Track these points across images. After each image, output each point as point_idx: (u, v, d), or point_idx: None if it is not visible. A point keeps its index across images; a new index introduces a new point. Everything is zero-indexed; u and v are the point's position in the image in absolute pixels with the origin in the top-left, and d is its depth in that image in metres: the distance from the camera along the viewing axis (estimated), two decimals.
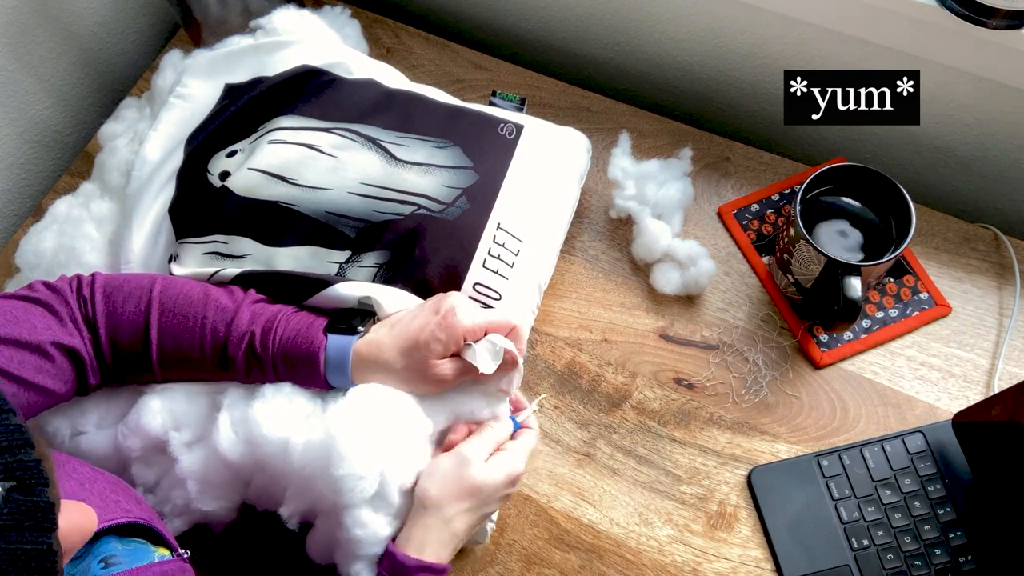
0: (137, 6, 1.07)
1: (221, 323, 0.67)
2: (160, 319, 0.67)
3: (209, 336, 0.67)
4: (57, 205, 0.86)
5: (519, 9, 1.06)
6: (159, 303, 0.68)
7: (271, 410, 0.67)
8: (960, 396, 0.81)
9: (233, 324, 0.67)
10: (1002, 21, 0.74)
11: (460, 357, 0.67)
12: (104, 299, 0.68)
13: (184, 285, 0.70)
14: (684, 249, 0.85)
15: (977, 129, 0.91)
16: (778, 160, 0.93)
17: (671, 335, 0.85)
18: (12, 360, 0.61)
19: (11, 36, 0.92)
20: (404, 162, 0.78)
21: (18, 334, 0.62)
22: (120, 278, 0.70)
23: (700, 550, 0.76)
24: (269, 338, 0.67)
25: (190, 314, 0.68)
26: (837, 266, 0.74)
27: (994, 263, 0.86)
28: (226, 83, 0.85)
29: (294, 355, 0.67)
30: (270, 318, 0.68)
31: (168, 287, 0.69)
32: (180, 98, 0.86)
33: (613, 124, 0.97)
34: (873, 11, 0.80)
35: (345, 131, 0.79)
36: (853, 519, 0.75)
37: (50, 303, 0.66)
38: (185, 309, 0.68)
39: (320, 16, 0.93)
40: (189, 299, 0.68)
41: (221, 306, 0.68)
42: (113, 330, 0.67)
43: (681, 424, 0.81)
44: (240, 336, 0.67)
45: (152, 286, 0.69)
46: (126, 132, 0.89)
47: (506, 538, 0.77)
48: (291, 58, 0.84)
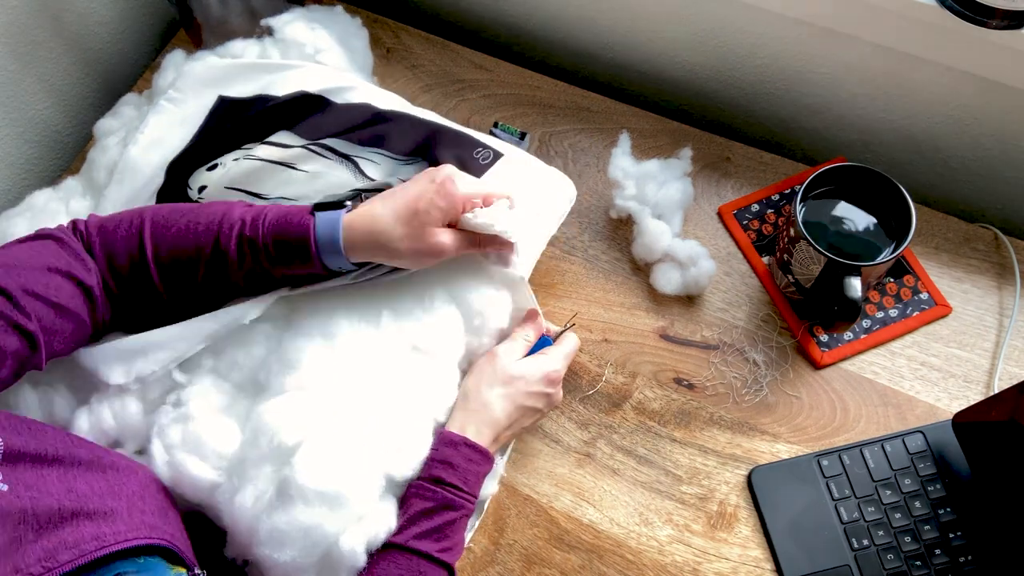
0: (137, 6, 1.07)
1: (213, 221, 0.68)
2: (153, 231, 0.68)
3: (203, 235, 0.68)
4: (36, 196, 0.86)
5: (520, 7, 1.06)
6: (151, 219, 0.69)
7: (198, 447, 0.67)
8: (960, 396, 0.81)
9: (224, 218, 0.68)
10: (1002, 21, 0.74)
11: (458, 228, 0.68)
12: (99, 230, 0.69)
13: (173, 204, 0.72)
14: (684, 249, 0.85)
15: (977, 129, 0.91)
16: (778, 160, 0.93)
17: (671, 335, 0.85)
18: (49, 286, 0.63)
19: (11, 36, 0.92)
20: (370, 179, 0.78)
21: (49, 263, 0.64)
22: (111, 215, 0.72)
23: (700, 550, 0.76)
24: (259, 222, 0.68)
25: (181, 222, 0.69)
26: (837, 266, 0.74)
27: (994, 263, 0.86)
28: (220, 95, 0.85)
29: (285, 235, 0.67)
30: (258, 209, 0.69)
31: (159, 207, 0.71)
32: (171, 102, 0.85)
33: (613, 124, 0.97)
34: (873, 11, 0.80)
35: (320, 147, 0.80)
36: (853, 519, 0.75)
37: (61, 238, 0.67)
38: (176, 219, 0.69)
39: (329, 20, 0.92)
40: (179, 211, 0.70)
41: (212, 210, 0.69)
42: (111, 254, 0.68)
43: (681, 424, 0.81)
44: (231, 225, 0.68)
45: (142, 211, 0.70)
46: (120, 130, 0.89)
47: (506, 538, 0.77)
48: (293, 79, 0.84)
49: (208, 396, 0.69)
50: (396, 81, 1.01)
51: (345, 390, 0.69)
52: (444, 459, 0.68)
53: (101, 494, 0.57)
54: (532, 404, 0.73)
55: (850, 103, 0.96)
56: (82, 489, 0.56)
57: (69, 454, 0.58)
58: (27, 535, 0.50)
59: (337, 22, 0.94)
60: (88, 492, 0.56)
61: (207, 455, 0.67)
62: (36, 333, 0.61)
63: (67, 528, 0.52)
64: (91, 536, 0.53)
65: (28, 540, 0.50)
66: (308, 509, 0.62)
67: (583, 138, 0.96)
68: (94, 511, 0.55)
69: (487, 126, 0.97)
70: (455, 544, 0.68)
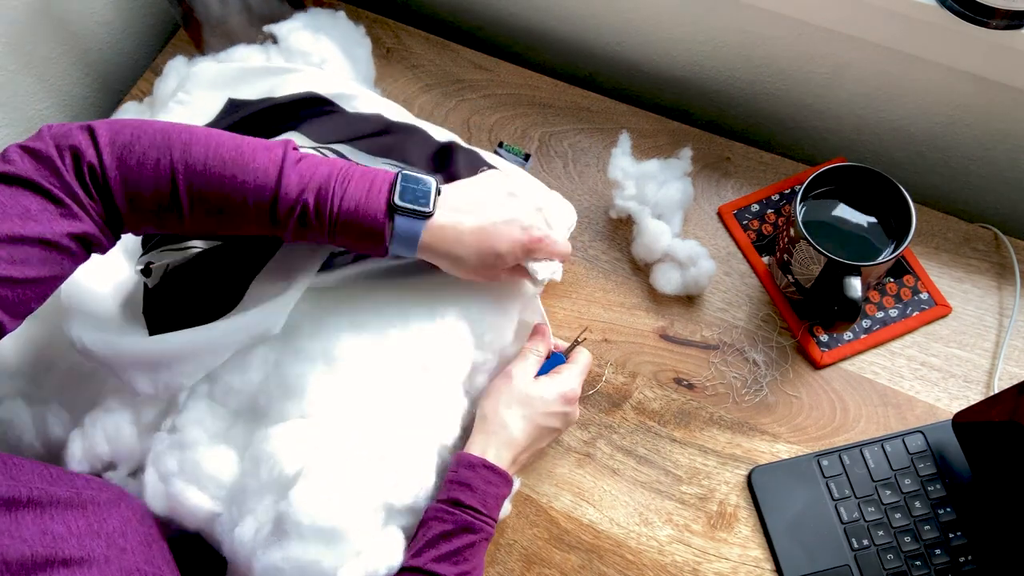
0: (137, 6, 1.07)
1: (266, 188, 0.61)
2: (190, 190, 0.61)
3: (252, 205, 0.62)
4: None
5: (520, 7, 1.06)
6: (185, 169, 0.60)
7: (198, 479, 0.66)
8: (960, 396, 0.81)
9: (280, 191, 0.61)
10: (1002, 21, 0.74)
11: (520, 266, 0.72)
12: (119, 164, 0.60)
13: (208, 140, 0.62)
14: (684, 249, 0.85)
15: (977, 129, 0.91)
16: (778, 160, 0.93)
17: (671, 335, 0.85)
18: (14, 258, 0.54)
19: (11, 36, 0.92)
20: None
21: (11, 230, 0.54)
22: (125, 132, 0.61)
23: (700, 550, 0.76)
24: (326, 207, 0.62)
25: (226, 179, 0.61)
26: (837, 266, 0.74)
27: (994, 263, 0.86)
28: (229, 97, 0.85)
29: (356, 228, 0.64)
30: (323, 184, 0.62)
31: (190, 143, 0.61)
32: (180, 104, 0.85)
33: (613, 124, 0.97)
34: (873, 11, 0.80)
35: (329, 151, 0.80)
36: (853, 519, 0.75)
37: (37, 182, 0.57)
38: (220, 173, 0.61)
39: (331, 27, 0.92)
40: (221, 160, 0.61)
41: (261, 166, 0.61)
42: (133, 196, 0.60)
43: (681, 424, 0.81)
44: (290, 206, 0.62)
45: (170, 145, 0.60)
46: None
47: (506, 538, 0.77)
48: (301, 82, 0.84)
49: (204, 423, 0.68)
50: (396, 81, 1.01)
51: (348, 415, 0.68)
52: (463, 481, 0.68)
53: (79, 534, 0.54)
54: (550, 424, 0.73)
55: (850, 103, 0.96)
56: (59, 531, 0.53)
57: (46, 493, 0.54)
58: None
59: (340, 29, 0.93)
60: (66, 533, 0.53)
61: (205, 484, 0.66)
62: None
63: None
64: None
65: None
66: (304, 545, 0.61)
67: (583, 138, 0.96)
68: (70, 558, 0.52)
69: (487, 126, 0.97)
70: (474, 568, 0.67)
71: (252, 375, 0.69)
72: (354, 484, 0.64)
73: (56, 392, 0.73)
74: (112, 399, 0.71)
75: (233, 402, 0.69)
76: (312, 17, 0.92)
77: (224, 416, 0.69)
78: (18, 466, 0.55)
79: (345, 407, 0.68)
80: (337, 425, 0.67)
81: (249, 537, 0.63)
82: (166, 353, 0.67)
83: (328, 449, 0.65)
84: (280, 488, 0.64)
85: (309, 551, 0.61)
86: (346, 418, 0.67)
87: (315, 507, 0.62)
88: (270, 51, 0.90)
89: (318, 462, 0.64)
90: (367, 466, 0.66)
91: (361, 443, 0.67)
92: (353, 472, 0.65)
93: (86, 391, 0.73)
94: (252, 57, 0.89)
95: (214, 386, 0.70)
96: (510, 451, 0.71)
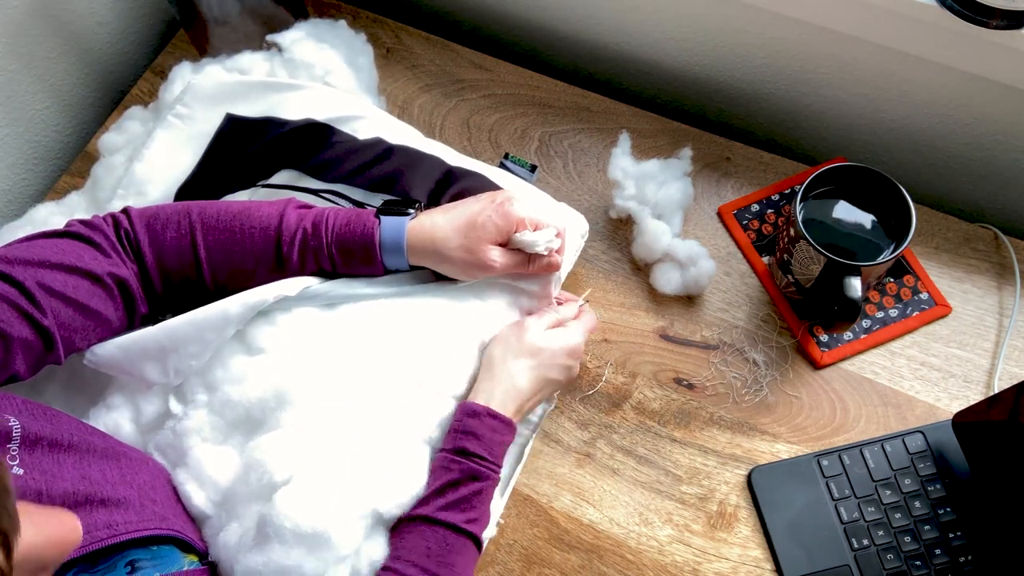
0: (137, 6, 1.07)
1: (270, 228, 0.70)
2: (206, 238, 0.70)
3: (260, 243, 0.70)
4: (38, 209, 0.86)
5: (520, 6, 1.06)
6: (201, 223, 0.70)
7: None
8: (960, 396, 0.81)
9: (282, 227, 0.70)
10: (1002, 21, 0.74)
11: (509, 248, 0.72)
12: (145, 228, 0.70)
13: (220, 204, 0.72)
14: (684, 249, 0.85)
15: (977, 129, 0.91)
16: (778, 160, 0.93)
17: (671, 335, 0.85)
18: (67, 284, 0.63)
19: (11, 36, 0.92)
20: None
21: (69, 261, 0.64)
22: (152, 208, 0.72)
23: (700, 550, 0.76)
24: (322, 229, 0.70)
25: (235, 227, 0.70)
26: (837, 266, 0.74)
27: (994, 263, 0.86)
28: (228, 112, 0.84)
29: (349, 241, 0.71)
30: (317, 214, 0.71)
31: (206, 207, 0.71)
32: (179, 118, 0.84)
33: (613, 124, 0.97)
34: (873, 11, 0.80)
35: (331, 194, 0.80)
36: (853, 519, 0.75)
37: (90, 237, 0.67)
38: (229, 224, 0.70)
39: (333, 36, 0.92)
40: (230, 214, 0.71)
41: (265, 214, 0.71)
42: (159, 256, 0.69)
43: (681, 424, 0.81)
44: (291, 235, 0.70)
45: (189, 210, 0.71)
46: (126, 147, 0.88)
47: (506, 538, 0.77)
48: (302, 102, 0.84)
49: (203, 431, 0.68)
50: (396, 81, 1.01)
51: (342, 426, 0.67)
52: (468, 430, 0.69)
53: (114, 482, 0.58)
54: (555, 376, 0.74)
55: (850, 103, 0.96)
56: (95, 476, 0.57)
57: (84, 441, 0.58)
58: None
59: (342, 38, 0.93)
60: (101, 479, 0.57)
61: (204, 482, 0.66)
62: (51, 329, 0.62)
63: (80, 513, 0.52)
64: (103, 523, 0.54)
65: None
66: (286, 550, 0.60)
67: (583, 138, 0.96)
68: (107, 498, 0.56)
69: (487, 126, 0.97)
70: (481, 515, 0.68)
71: (249, 386, 0.69)
72: (339, 490, 0.64)
73: (56, 398, 0.73)
74: (114, 396, 0.71)
75: (230, 414, 0.69)
76: (314, 26, 0.92)
77: (222, 427, 0.69)
78: (57, 417, 0.60)
79: (339, 418, 0.68)
80: (329, 435, 0.66)
81: (233, 543, 0.62)
82: (172, 336, 0.68)
83: (318, 457, 0.65)
84: (268, 495, 0.63)
85: (291, 555, 0.60)
86: (339, 429, 0.67)
87: (298, 511, 0.61)
88: (275, 64, 0.89)
89: (310, 468, 0.64)
90: (354, 473, 0.65)
91: (351, 451, 0.66)
92: (339, 478, 0.64)
93: (86, 396, 0.73)
94: (257, 66, 0.89)
95: (212, 396, 0.69)
96: (515, 401, 0.72)
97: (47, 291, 0.62)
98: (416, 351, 0.73)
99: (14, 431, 0.54)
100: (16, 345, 0.60)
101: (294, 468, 0.64)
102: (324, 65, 0.89)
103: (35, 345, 0.61)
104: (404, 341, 0.73)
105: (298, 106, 0.83)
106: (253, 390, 0.68)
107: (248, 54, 0.90)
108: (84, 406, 0.72)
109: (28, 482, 0.52)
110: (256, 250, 0.70)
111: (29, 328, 0.61)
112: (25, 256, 0.63)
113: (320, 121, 0.83)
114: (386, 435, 0.68)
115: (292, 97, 0.84)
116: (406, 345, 0.73)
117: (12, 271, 0.61)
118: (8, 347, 0.59)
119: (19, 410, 0.57)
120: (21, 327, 0.60)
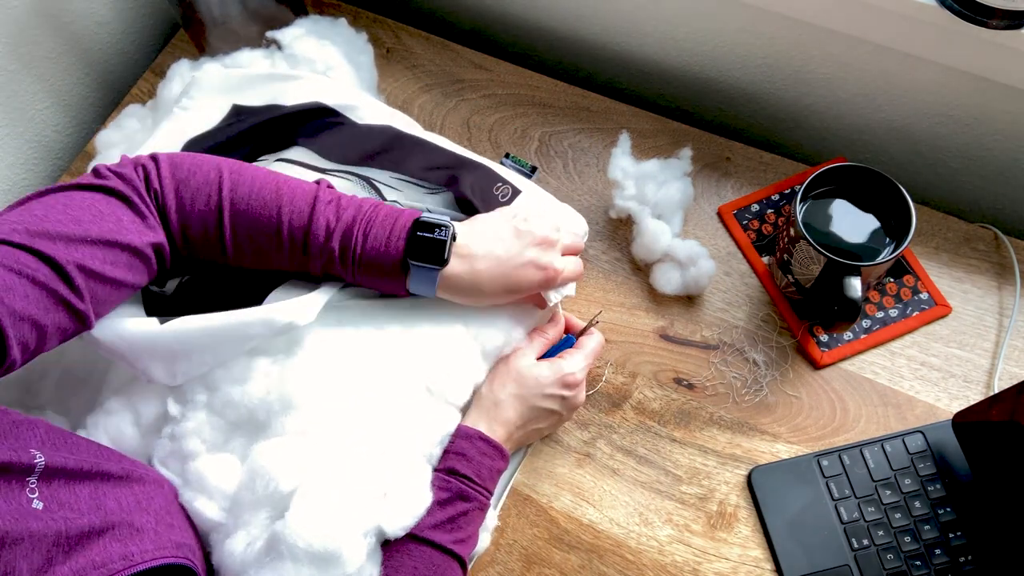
0: (137, 6, 1.07)
1: (299, 227, 0.68)
2: (233, 220, 0.68)
3: (287, 245, 0.68)
4: None
5: (520, 6, 1.06)
6: (231, 204, 0.68)
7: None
8: (960, 396, 0.81)
9: (312, 228, 0.68)
10: (1002, 21, 0.74)
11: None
12: (174, 193, 0.68)
13: (253, 181, 0.69)
14: (684, 249, 0.85)
15: (977, 129, 0.91)
16: (778, 160, 0.93)
17: (671, 335, 0.85)
18: (106, 260, 0.62)
19: (11, 36, 0.92)
20: (393, 203, 0.77)
21: (109, 233, 0.63)
22: (185, 168, 0.69)
23: (700, 550, 0.76)
24: (350, 253, 0.68)
25: (263, 216, 0.68)
26: (837, 266, 0.74)
27: (994, 263, 0.86)
28: (234, 103, 0.84)
29: (377, 280, 0.70)
30: (347, 229, 0.68)
31: (238, 183, 0.69)
32: (184, 110, 0.84)
33: (613, 124, 0.97)
34: (873, 11, 0.80)
35: (343, 173, 0.80)
36: (853, 519, 0.75)
37: (126, 195, 0.65)
38: (259, 211, 0.68)
39: (334, 34, 0.92)
40: (262, 199, 0.68)
41: (297, 209, 0.68)
42: (184, 225, 0.68)
43: (681, 424, 0.81)
44: (320, 247, 0.68)
45: (220, 181, 0.68)
46: (122, 143, 0.88)
47: (506, 538, 0.77)
48: (306, 91, 0.84)
49: (203, 433, 0.68)
50: (396, 81, 1.01)
51: (348, 433, 0.67)
52: (458, 451, 0.69)
53: (130, 509, 0.58)
54: (546, 406, 0.73)
55: (850, 103, 0.96)
56: (111, 506, 0.57)
57: (99, 469, 0.58)
58: (58, 556, 0.51)
59: (342, 36, 0.93)
60: (117, 508, 0.57)
61: (212, 494, 0.65)
62: (87, 312, 0.61)
63: (95, 547, 0.53)
64: (119, 556, 0.54)
65: (58, 561, 0.51)
66: (298, 568, 0.61)
67: (583, 138, 0.96)
68: (123, 528, 0.56)
69: (487, 126, 0.97)
70: (468, 536, 0.68)
71: (251, 387, 0.68)
72: (351, 506, 0.63)
73: (51, 399, 0.72)
74: (112, 400, 0.71)
75: (232, 415, 0.68)
76: (314, 23, 0.92)
77: (222, 427, 0.68)
78: (76, 443, 0.59)
79: (345, 425, 0.67)
80: (335, 443, 0.66)
81: (239, 551, 0.62)
82: (186, 343, 0.67)
83: (325, 468, 0.64)
84: (275, 504, 0.63)
85: (302, 572, 0.61)
86: (345, 437, 0.67)
87: (311, 531, 0.61)
88: (275, 57, 0.89)
89: (315, 482, 0.63)
90: (362, 490, 0.65)
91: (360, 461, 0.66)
92: (351, 492, 0.64)
93: (81, 396, 0.73)
94: (257, 62, 0.89)
95: (213, 396, 0.69)
96: (504, 428, 0.72)
97: (86, 273, 0.61)
98: (426, 356, 0.72)
99: (37, 467, 0.54)
100: (50, 332, 0.59)
101: (300, 477, 0.63)
102: (325, 61, 0.89)
103: (69, 329, 0.61)
104: (414, 345, 0.72)
105: (303, 93, 0.83)
106: (255, 390, 0.68)
107: (247, 51, 0.90)
108: (80, 409, 0.71)
109: (48, 522, 0.52)
110: (283, 251, 0.69)
111: (65, 313, 0.60)
112: (67, 231, 0.61)
113: (327, 104, 0.83)
114: (392, 447, 0.68)
115: (296, 86, 0.84)
116: (416, 349, 0.72)
117: (56, 253, 0.59)
118: (43, 335, 0.59)
119: (42, 441, 0.56)
120: (56, 314, 0.60)
